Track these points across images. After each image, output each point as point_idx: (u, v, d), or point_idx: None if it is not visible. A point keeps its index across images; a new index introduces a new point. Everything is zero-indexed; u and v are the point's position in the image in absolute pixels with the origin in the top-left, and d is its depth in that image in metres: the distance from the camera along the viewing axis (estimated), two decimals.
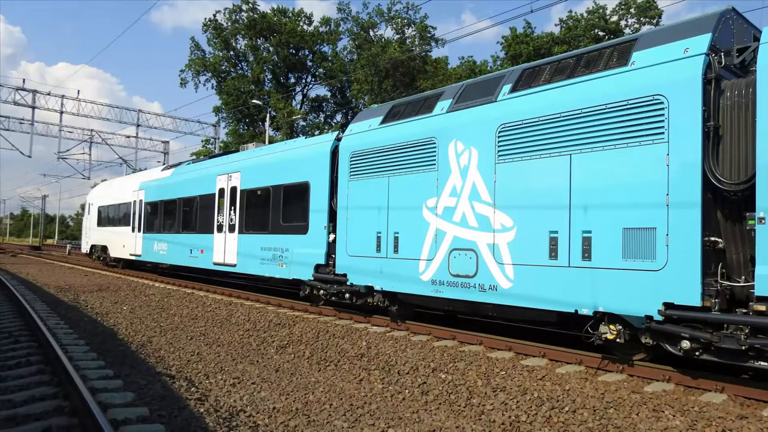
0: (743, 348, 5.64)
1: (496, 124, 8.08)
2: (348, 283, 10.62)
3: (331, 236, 11.30)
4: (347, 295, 10.76)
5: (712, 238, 6.03)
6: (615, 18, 38.12)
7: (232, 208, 14.95)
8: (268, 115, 39.67)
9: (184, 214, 17.79)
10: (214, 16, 48.39)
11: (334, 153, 11.48)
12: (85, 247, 29.51)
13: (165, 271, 22.59)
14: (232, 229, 14.88)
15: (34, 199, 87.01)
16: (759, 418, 5.32)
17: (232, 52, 50.09)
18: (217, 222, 15.61)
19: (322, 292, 11.59)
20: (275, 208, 13.12)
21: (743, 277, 5.95)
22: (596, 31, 37.87)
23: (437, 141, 9.00)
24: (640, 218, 6.39)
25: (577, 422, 5.43)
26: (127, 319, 11.70)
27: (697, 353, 6.06)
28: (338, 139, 11.49)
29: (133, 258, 21.77)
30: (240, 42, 49.81)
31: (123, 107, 45.39)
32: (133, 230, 21.73)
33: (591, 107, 6.95)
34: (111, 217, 24.74)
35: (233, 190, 15.00)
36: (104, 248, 25.71)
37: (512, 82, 8.32)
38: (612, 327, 6.75)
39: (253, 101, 41.26)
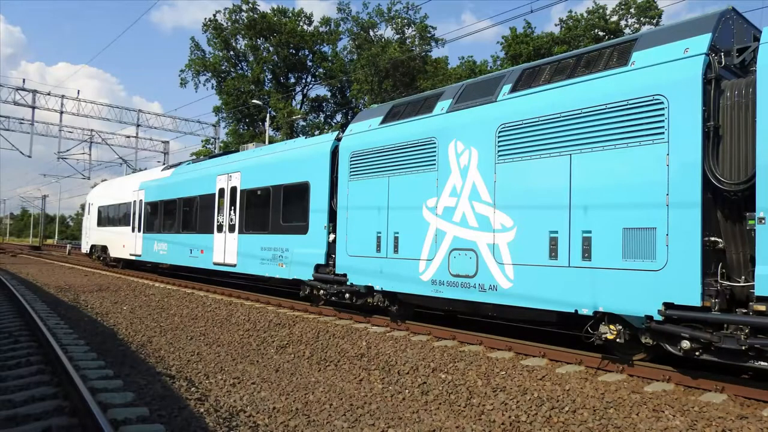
0: (743, 348, 5.63)
1: (496, 124, 8.08)
2: (348, 283, 10.61)
3: (331, 236, 11.30)
4: (347, 295, 10.75)
5: (712, 238, 6.03)
6: (615, 18, 38.14)
7: (232, 208, 14.95)
8: (268, 115, 39.67)
9: (184, 214, 17.79)
10: (214, 16, 48.48)
11: (334, 153, 11.48)
12: (85, 247, 29.52)
13: (165, 271, 22.59)
14: (232, 229, 14.88)
15: (34, 199, 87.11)
16: (759, 418, 5.32)
17: (232, 52, 50.09)
18: (217, 222, 15.61)
19: (322, 292, 11.59)
20: (275, 208, 13.12)
21: (743, 277, 5.95)
22: (596, 31, 37.87)
23: (437, 141, 9.00)
24: (640, 218, 6.39)
25: (577, 422, 5.43)
26: (127, 319, 11.70)
27: (697, 353, 6.06)
28: (338, 139, 11.49)
29: (133, 258, 21.77)
30: (240, 42, 49.88)
31: (123, 107, 45.46)
32: (133, 230, 21.73)
33: (591, 107, 6.95)
34: (111, 217, 24.74)
35: (233, 190, 15.00)
36: (104, 248, 25.72)
37: (512, 82, 8.32)
38: (612, 327, 6.75)
39: (253, 101, 41.26)
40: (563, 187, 7.17)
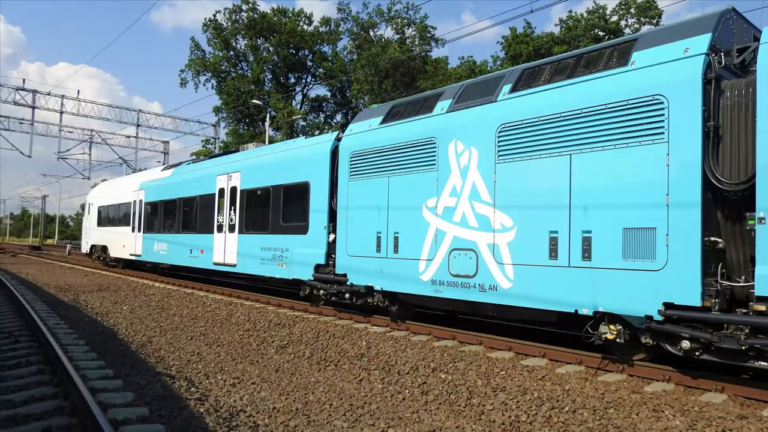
0: (743, 348, 5.64)
1: (496, 124, 8.08)
2: (348, 283, 10.61)
3: (331, 236, 11.30)
4: (347, 295, 10.75)
5: (712, 238, 6.03)
6: (615, 18, 38.14)
7: (232, 208, 14.95)
8: (268, 115, 39.67)
9: (184, 214, 17.79)
10: (214, 16, 48.49)
11: (334, 153, 11.48)
12: (85, 247, 29.52)
13: (165, 271, 22.59)
14: (232, 229, 14.88)
15: (34, 199, 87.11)
16: (759, 418, 5.32)
17: (232, 52, 50.10)
18: (217, 222, 15.61)
19: (322, 292, 11.59)
20: (275, 208, 13.12)
21: (743, 277, 5.95)
22: (596, 31, 37.87)
23: (437, 141, 9.00)
24: (640, 218, 6.39)
25: (577, 422, 5.43)
26: (127, 319, 11.70)
27: (697, 353, 6.06)
28: (338, 139, 11.49)
29: (133, 258, 21.77)
30: (240, 42, 49.89)
31: (123, 107, 45.45)
32: (133, 230, 21.74)
33: (591, 107, 6.95)
34: (111, 217, 24.74)
35: (233, 190, 15.00)
36: (104, 248, 25.72)
37: (512, 82, 8.32)
38: (612, 327, 6.75)
39: (253, 101, 41.26)
40: (563, 187, 7.17)
